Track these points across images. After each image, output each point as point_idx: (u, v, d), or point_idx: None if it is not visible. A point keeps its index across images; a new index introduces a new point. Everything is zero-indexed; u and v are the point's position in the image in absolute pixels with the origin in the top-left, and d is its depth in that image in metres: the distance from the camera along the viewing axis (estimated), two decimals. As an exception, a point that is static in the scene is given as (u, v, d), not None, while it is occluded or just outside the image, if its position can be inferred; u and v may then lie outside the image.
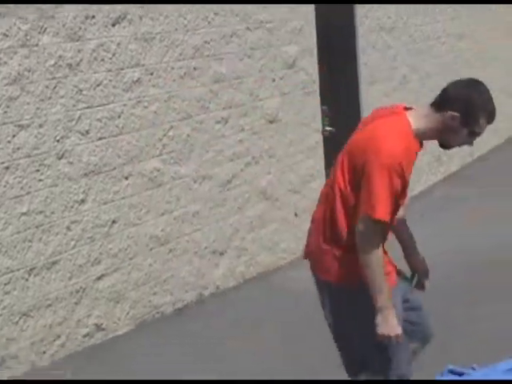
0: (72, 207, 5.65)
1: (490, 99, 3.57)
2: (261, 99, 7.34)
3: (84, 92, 5.70)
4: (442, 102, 3.56)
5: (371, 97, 8.94)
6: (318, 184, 8.10)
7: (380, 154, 3.43)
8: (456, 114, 3.51)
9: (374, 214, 3.45)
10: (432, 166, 10.18)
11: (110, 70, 5.88)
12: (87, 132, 5.73)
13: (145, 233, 6.21)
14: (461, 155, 11.06)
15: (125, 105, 6.01)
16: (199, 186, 6.70)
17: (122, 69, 5.98)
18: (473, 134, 3.58)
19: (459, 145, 3.65)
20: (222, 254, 6.96)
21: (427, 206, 9.34)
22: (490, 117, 3.57)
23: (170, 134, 6.41)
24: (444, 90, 3.61)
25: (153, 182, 6.27)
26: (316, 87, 8.05)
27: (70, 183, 5.63)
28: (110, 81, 5.88)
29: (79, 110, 5.67)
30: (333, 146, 8.30)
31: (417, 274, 3.96)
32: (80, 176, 5.70)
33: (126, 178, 6.05)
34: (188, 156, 6.58)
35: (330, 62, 8.31)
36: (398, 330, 3.53)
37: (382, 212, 3.45)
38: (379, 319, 3.53)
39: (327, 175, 8.19)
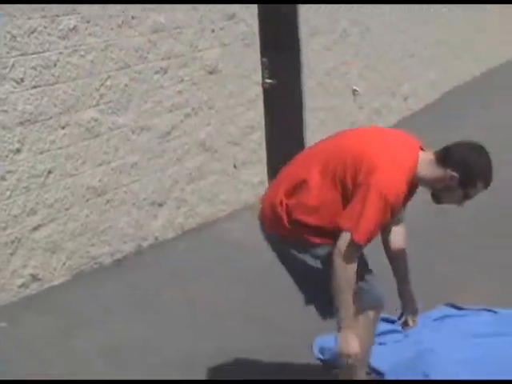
0: (7, 157, 5.56)
1: (490, 166, 3.64)
2: (200, 50, 7.28)
3: (18, 39, 5.59)
4: (445, 159, 3.63)
5: (311, 50, 8.93)
6: (258, 136, 8.11)
7: (383, 185, 3.47)
8: (456, 174, 3.59)
9: (357, 236, 3.49)
10: (371, 119, 10.24)
11: (44, 17, 5.76)
12: (22, 80, 5.62)
13: (81, 183, 6.15)
14: (400, 108, 11.16)
15: (61, 53, 5.90)
16: (137, 136, 6.64)
17: (58, 16, 5.86)
18: (466, 197, 3.67)
19: (450, 203, 3.72)
20: (160, 205, 6.94)
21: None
22: (487, 183, 3.65)
23: (108, 83, 6.32)
24: (448, 148, 3.67)
25: (90, 133, 6.19)
26: (256, 39, 8.01)
27: (4, 132, 5.53)
28: (45, 28, 5.77)
29: (13, 57, 5.56)
30: (273, 98, 8.30)
31: (405, 313, 4.04)
32: (15, 125, 5.60)
33: (63, 128, 5.97)
34: (126, 106, 6.50)
35: (270, 14, 8.26)
36: (357, 350, 3.54)
37: (365, 237, 3.50)
38: (340, 338, 3.57)
39: (267, 127, 8.21)
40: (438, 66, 12.38)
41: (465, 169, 3.57)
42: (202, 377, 4.50)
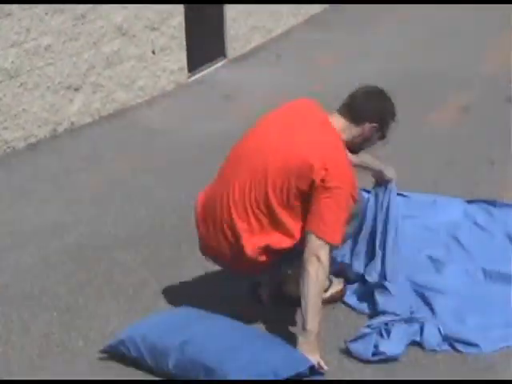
0: None
1: (393, 104, 3.79)
2: None
3: None
4: (357, 117, 3.67)
5: None
6: (177, 21, 7.95)
7: (345, 183, 3.43)
8: (374, 125, 3.69)
9: (334, 240, 3.43)
10: (292, 8, 10.13)
11: None
12: None
13: (-7, 65, 5.99)
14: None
15: None
16: (51, 18, 6.45)
17: None
18: (383, 137, 3.80)
19: (368, 147, 3.82)
20: (76, 89, 6.80)
21: (285, 47, 9.38)
22: (395, 117, 3.79)
23: (19, -39, 6.09)
24: (355, 103, 3.69)
25: (1, 11, 5.98)
26: None
27: None
28: None
29: None
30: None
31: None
32: None
33: (-28, 6, 5.76)
34: (38, -14, 6.30)
35: None
36: (318, 359, 3.40)
37: (339, 237, 3.47)
38: (303, 343, 3.39)
39: (186, 13, 8.06)
40: None
41: (380, 117, 3.71)
42: (117, 251, 4.52)
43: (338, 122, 3.67)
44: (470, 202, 4.84)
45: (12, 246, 4.70)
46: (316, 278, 3.36)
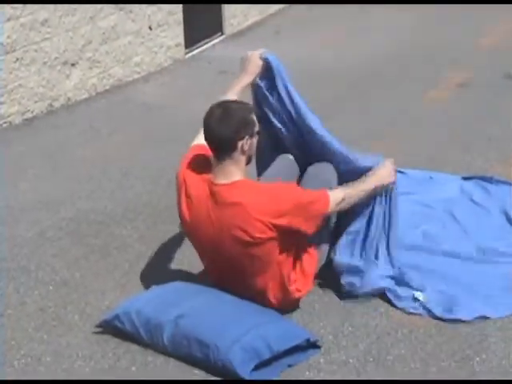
0: None
1: (240, 103, 3.59)
2: None
3: None
4: (226, 149, 3.45)
5: None
6: (174, -3, 7.93)
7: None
8: (245, 136, 3.45)
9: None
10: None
11: None
12: None
13: (-11, 39, 5.96)
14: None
15: None
16: (47, -8, 6.43)
17: None
18: (258, 133, 3.55)
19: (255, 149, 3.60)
20: (73, 65, 6.79)
21: (283, 23, 9.35)
22: (253, 111, 3.56)
23: None
24: (216, 142, 3.47)
25: (-3, -14, 5.97)
26: None
27: None
28: None
29: None
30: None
31: None
32: None
33: (-33, -20, 5.73)
34: (35, -40, 6.26)
35: None
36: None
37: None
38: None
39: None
40: None
41: (242, 127, 3.44)
42: (114, 226, 4.52)
43: (219, 172, 3.49)
44: (466, 178, 4.85)
45: (8, 220, 4.70)
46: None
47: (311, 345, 3.37)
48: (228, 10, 8.90)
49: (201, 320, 3.38)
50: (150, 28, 7.67)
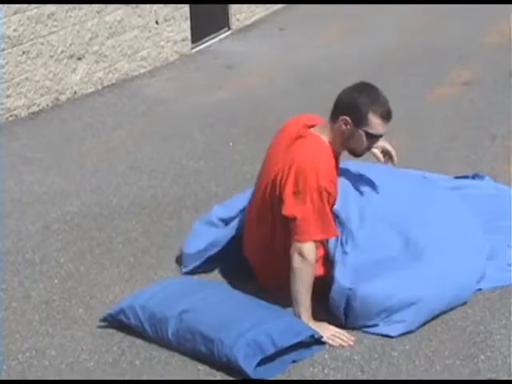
0: None
1: (378, 97, 3.51)
2: None
3: None
4: (334, 112, 3.53)
5: None
6: (181, -9, 7.92)
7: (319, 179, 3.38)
8: (346, 117, 3.47)
9: (317, 236, 3.47)
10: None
11: None
12: None
13: (-4, 32, 5.97)
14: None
15: None
16: (54, -14, 6.43)
17: None
18: (370, 136, 3.50)
19: (362, 150, 3.57)
20: (79, 58, 6.79)
21: (288, 20, 9.35)
22: (382, 114, 3.48)
23: None
24: (334, 103, 3.56)
25: (4, -21, 5.97)
26: None
27: None
28: None
29: None
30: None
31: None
32: None
33: (-25, -27, 5.73)
34: (42, -47, 6.26)
35: None
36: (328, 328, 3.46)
37: (323, 232, 3.48)
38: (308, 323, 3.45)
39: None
40: None
41: (350, 108, 3.47)
42: (119, 220, 4.53)
43: (320, 128, 3.57)
44: (458, 177, 4.74)
45: (13, 213, 4.70)
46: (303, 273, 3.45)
47: (316, 341, 3.37)
48: (234, 5, 8.90)
49: (205, 315, 3.38)
50: (157, 22, 7.67)
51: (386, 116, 3.50)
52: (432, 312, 3.53)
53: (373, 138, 3.52)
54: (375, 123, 3.47)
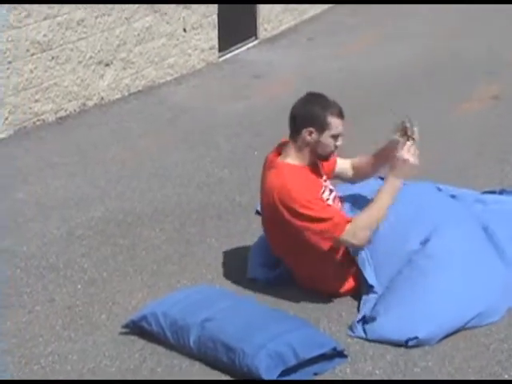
0: None
1: (328, 101, 3.75)
2: None
3: None
4: (294, 128, 3.76)
5: None
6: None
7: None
8: (309, 128, 3.71)
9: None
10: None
11: None
12: None
13: (26, 37, 6.00)
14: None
15: None
16: (84, -8, 6.47)
17: None
18: (335, 137, 3.75)
19: (334, 150, 3.80)
20: (107, 65, 6.82)
21: (317, 30, 9.34)
22: (338, 113, 3.74)
23: None
24: (290, 118, 3.78)
25: (35, -16, 6.01)
26: None
27: None
28: None
29: None
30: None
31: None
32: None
33: (6, -22, 5.78)
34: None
35: None
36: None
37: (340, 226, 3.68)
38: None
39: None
40: None
41: (310, 119, 3.70)
42: (142, 227, 4.53)
43: (285, 149, 3.80)
44: (484, 192, 4.68)
45: (38, 217, 4.73)
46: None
47: (338, 354, 3.35)
48: (263, 14, 8.91)
49: (227, 324, 3.38)
50: (185, 30, 7.69)
51: (341, 114, 3.76)
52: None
53: (336, 137, 3.76)
54: (335, 124, 3.73)
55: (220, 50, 8.22)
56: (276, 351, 3.21)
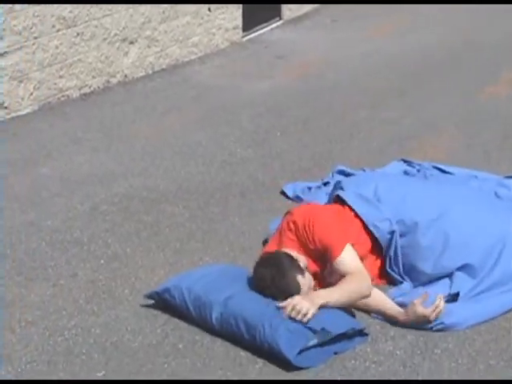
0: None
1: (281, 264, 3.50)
2: None
3: None
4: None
5: None
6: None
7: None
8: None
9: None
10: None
11: None
12: None
13: (51, 13, 6.02)
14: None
15: None
16: (111, -31, 6.47)
17: None
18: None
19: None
20: (132, 42, 6.83)
21: (341, 12, 9.31)
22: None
23: None
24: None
25: (62, -40, 6.02)
26: None
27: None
28: None
29: None
30: None
31: None
32: None
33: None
34: None
35: None
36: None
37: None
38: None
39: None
40: None
41: (288, 289, 3.42)
42: (166, 204, 4.56)
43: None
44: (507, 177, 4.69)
45: (63, 192, 4.76)
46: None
47: (358, 333, 3.37)
48: (287, -5, 8.88)
49: (249, 302, 3.40)
50: (209, 9, 7.68)
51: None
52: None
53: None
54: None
55: (244, 30, 8.21)
56: (297, 328, 3.23)
